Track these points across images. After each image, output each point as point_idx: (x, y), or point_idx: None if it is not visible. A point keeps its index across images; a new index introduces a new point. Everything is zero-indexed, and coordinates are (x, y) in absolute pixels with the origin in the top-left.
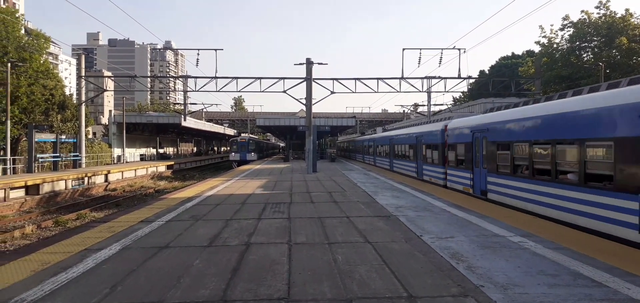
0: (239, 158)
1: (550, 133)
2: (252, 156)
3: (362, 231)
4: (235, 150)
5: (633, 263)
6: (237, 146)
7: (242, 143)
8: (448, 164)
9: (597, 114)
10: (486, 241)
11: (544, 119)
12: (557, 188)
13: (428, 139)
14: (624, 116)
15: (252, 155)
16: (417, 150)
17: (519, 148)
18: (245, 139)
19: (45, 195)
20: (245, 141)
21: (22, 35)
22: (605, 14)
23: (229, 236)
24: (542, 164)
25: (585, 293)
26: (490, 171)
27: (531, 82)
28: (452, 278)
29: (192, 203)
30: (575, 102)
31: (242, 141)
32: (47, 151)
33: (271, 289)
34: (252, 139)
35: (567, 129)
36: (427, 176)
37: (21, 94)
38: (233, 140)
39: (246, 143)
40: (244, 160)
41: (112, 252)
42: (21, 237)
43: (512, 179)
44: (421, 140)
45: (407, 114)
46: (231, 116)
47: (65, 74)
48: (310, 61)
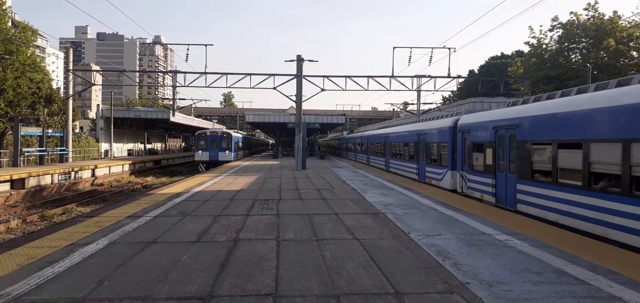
0: (207, 158)
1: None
2: (227, 156)
3: (351, 228)
4: (203, 146)
5: (616, 262)
6: (204, 142)
7: (213, 137)
8: (460, 166)
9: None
10: (472, 239)
11: (624, 112)
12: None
13: (433, 138)
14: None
15: (227, 154)
16: (418, 149)
17: (571, 149)
18: (216, 132)
19: (31, 189)
20: (216, 134)
21: (9, 27)
22: (593, 16)
23: (217, 232)
24: (611, 171)
25: (569, 291)
26: (521, 177)
27: (520, 82)
28: (438, 275)
29: (180, 199)
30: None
31: (212, 135)
32: (33, 145)
33: (259, 285)
34: (226, 133)
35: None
36: (430, 178)
37: (7, 87)
38: (200, 134)
39: (218, 138)
40: (215, 161)
41: (99, 247)
42: (6, 231)
43: (557, 189)
44: (424, 138)
45: (397, 112)
46: (220, 112)
47: (53, 68)
48: (301, 57)
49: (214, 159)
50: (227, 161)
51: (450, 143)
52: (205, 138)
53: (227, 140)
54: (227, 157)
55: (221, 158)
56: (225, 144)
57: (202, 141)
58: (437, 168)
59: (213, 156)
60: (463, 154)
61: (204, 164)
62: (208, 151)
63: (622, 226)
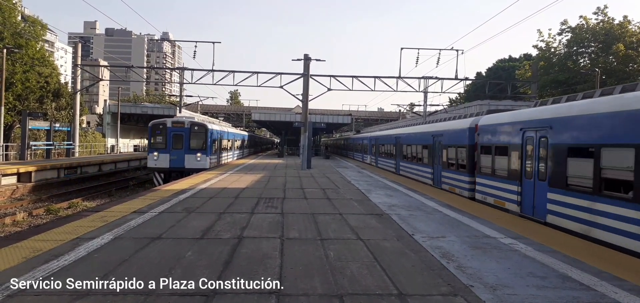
0: (167, 164)
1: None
2: (200, 161)
3: (355, 228)
4: (161, 145)
5: (621, 267)
6: (163, 138)
7: (177, 131)
8: (479, 171)
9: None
10: (477, 242)
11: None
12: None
13: (450, 140)
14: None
15: (200, 159)
16: (433, 152)
17: (620, 156)
18: (182, 122)
19: (37, 183)
20: (182, 126)
21: (18, 21)
22: (603, 20)
23: (221, 230)
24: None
25: (573, 296)
26: (554, 185)
27: (528, 85)
28: (442, 277)
29: (185, 195)
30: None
31: (176, 127)
32: (41, 138)
33: (263, 282)
34: (198, 126)
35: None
36: (447, 184)
37: (16, 80)
38: (156, 125)
39: (185, 132)
40: (179, 169)
41: (104, 241)
42: (12, 224)
43: (604, 201)
44: (440, 140)
45: (404, 113)
46: (227, 110)
47: (61, 62)
48: (308, 57)
49: (178, 166)
50: (199, 169)
51: (469, 146)
52: (163, 133)
53: (199, 136)
54: (199, 163)
55: (189, 165)
56: (196, 143)
57: (159, 136)
58: (456, 173)
59: (177, 161)
60: (477, 157)
61: (161, 174)
62: (167, 153)
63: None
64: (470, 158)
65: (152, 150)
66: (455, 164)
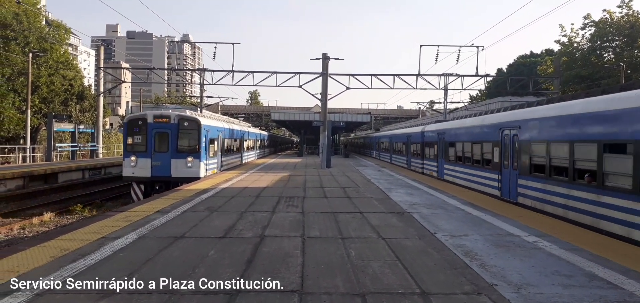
0: (148, 172)
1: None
2: (191, 168)
3: (376, 227)
4: (140, 148)
5: None
6: (142, 138)
7: (160, 129)
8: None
9: None
10: (500, 240)
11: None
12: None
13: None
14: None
15: (191, 165)
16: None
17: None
18: (167, 117)
19: (64, 184)
20: (168, 122)
21: (43, 26)
22: (627, 14)
23: (243, 228)
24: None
25: (600, 295)
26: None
27: (550, 81)
28: (465, 276)
29: (207, 195)
30: None
31: (159, 123)
32: (66, 140)
33: (285, 281)
34: (188, 121)
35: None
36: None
37: (41, 84)
38: (132, 120)
39: (172, 129)
40: (164, 179)
41: (128, 241)
42: (39, 224)
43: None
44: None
45: (423, 111)
46: (246, 110)
47: (84, 65)
48: (326, 56)
49: (163, 175)
50: (191, 178)
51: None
52: (143, 130)
53: (190, 134)
54: (189, 170)
55: (177, 173)
56: (186, 143)
57: (137, 135)
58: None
59: (160, 168)
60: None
61: (141, 186)
62: (148, 158)
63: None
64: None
65: (129, 154)
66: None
